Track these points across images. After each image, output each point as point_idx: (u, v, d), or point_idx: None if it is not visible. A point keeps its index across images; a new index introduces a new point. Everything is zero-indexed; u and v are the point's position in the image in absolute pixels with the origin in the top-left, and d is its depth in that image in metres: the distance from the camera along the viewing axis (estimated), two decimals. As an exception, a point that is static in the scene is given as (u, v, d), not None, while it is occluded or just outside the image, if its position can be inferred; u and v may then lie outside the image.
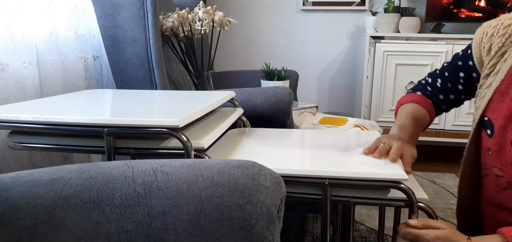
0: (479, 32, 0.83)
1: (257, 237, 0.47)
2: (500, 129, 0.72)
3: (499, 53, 0.77)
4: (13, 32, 1.02)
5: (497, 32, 0.78)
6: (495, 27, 0.79)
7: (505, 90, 0.74)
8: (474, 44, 0.84)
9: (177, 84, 1.50)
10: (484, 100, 0.78)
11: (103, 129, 0.70)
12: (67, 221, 0.49)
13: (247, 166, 0.51)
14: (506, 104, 0.72)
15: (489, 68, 0.79)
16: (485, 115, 0.77)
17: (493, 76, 0.77)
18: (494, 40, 0.79)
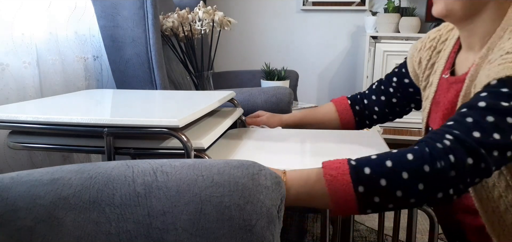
0: (412, 47, 0.91)
1: (257, 237, 0.47)
2: None
3: (429, 64, 0.84)
4: (13, 32, 1.02)
5: (424, 45, 0.86)
6: (422, 41, 0.88)
7: (438, 99, 0.79)
8: (408, 58, 0.92)
9: (177, 84, 1.50)
10: (425, 112, 0.84)
11: (103, 129, 0.70)
12: (67, 221, 0.49)
13: (247, 166, 0.51)
14: (439, 114, 0.77)
15: (425, 80, 0.85)
16: (429, 125, 0.83)
17: (428, 88, 0.83)
18: (422, 53, 0.86)
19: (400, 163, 0.56)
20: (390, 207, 0.57)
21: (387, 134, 2.24)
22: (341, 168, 0.58)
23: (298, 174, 0.61)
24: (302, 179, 0.60)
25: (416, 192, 0.55)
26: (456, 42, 0.79)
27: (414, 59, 0.89)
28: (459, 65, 0.76)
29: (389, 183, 0.55)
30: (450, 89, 0.75)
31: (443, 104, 0.76)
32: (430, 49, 0.84)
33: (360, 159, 0.59)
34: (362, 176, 0.57)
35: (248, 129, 1.04)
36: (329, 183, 0.58)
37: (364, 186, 0.56)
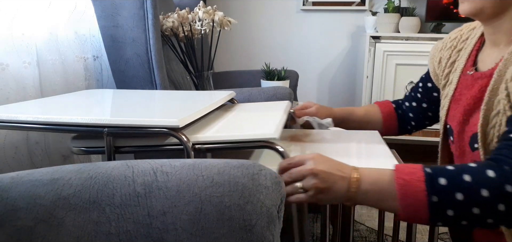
0: (432, 48, 0.92)
1: (257, 237, 0.47)
2: (458, 134, 0.75)
3: (449, 63, 0.84)
4: (13, 32, 1.02)
5: (445, 45, 0.86)
6: (443, 41, 0.88)
7: (458, 97, 0.79)
8: (429, 59, 0.93)
9: (177, 84, 1.50)
10: (443, 110, 0.84)
11: (103, 129, 0.70)
12: (67, 221, 0.49)
13: (247, 166, 0.51)
14: (459, 110, 0.76)
15: (444, 79, 0.85)
16: (447, 123, 0.82)
17: (448, 87, 0.83)
18: (443, 53, 0.86)
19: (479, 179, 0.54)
20: (463, 223, 0.55)
21: (387, 134, 2.24)
22: (415, 174, 0.57)
23: (368, 172, 0.60)
24: (372, 177, 0.60)
25: (496, 212, 0.53)
26: (479, 39, 0.79)
27: (435, 59, 0.89)
28: (483, 62, 0.76)
29: (466, 199, 0.53)
30: (474, 85, 0.74)
31: (464, 100, 0.75)
32: (450, 48, 0.84)
33: (435, 167, 0.58)
34: (437, 186, 0.55)
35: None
36: (400, 187, 0.57)
37: (438, 196, 0.54)
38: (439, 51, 0.88)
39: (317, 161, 0.61)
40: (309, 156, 0.62)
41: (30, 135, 1.07)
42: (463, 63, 0.80)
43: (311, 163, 0.61)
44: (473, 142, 0.70)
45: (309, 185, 0.61)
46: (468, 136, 0.72)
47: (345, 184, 0.60)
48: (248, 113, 0.92)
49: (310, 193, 0.61)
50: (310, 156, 0.62)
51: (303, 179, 0.61)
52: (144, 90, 1.19)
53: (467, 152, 0.73)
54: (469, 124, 0.73)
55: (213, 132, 0.73)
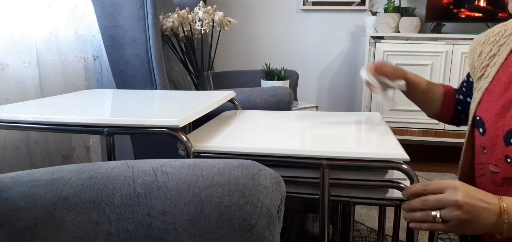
0: (474, 41, 0.88)
1: (257, 237, 0.47)
2: (491, 126, 0.73)
3: (488, 56, 0.81)
4: (13, 32, 1.02)
5: (488, 39, 0.83)
6: (487, 34, 0.84)
7: (493, 89, 0.76)
8: (469, 52, 0.89)
9: (177, 84, 1.50)
10: (475, 102, 0.81)
11: (103, 129, 0.70)
12: (67, 221, 0.49)
13: (247, 166, 0.51)
14: (495, 101, 0.74)
15: (480, 71, 0.82)
16: (476, 114, 0.79)
17: (483, 80, 0.81)
18: (485, 46, 0.83)
19: None
20: None
21: (387, 134, 2.24)
22: None
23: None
24: None
25: None
26: None
27: (475, 52, 0.86)
28: None
29: None
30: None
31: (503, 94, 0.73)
32: (492, 42, 0.82)
33: None
34: None
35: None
36: None
37: None
38: (481, 45, 0.85)
39: (460, 191, 0.58)
40: (449, 184, 0.59)
41: (30, 135, 1.07)
42: (503, 58, 0.77)
43: (453, 193, 0.58)
44: (509, 137, 0.69)
45: (450, 217, 0.58)
46: (503, 130, 0.71)
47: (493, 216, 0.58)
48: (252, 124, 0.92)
49: (451, 224, 0.59)
50: (451, 184, 0.59)
51: (443, 209, 0.59)
52: (144, 90, 1.19)
53: (499, 147, 0.71)
54: (505, 118, 0.71)
55: (218, 141, 0.73)
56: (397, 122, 2.18)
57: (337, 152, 0.67)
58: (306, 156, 0.68)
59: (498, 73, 0.77)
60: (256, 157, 0.68)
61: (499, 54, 0.79)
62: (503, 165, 0.70)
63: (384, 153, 0.66)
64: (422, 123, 2.15)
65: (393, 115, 2.17)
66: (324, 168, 0.67)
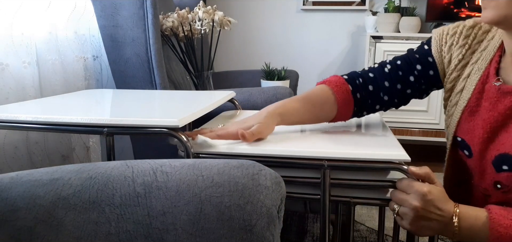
0: (437, 39, 0.77)
1: (257, 237, 0.47)
2: (479, 152, 0.71)
3: (459, 66, 0.74)
4: (12, 32, 1.02)
5: (457, 42, 0.74)
6: (452, 36, 0.75)
7: (474, 109, 0.71)
8: (434, 51, 0.77)
9: (177, 84, 1.50)
10: (453, 120, 0.76)
11: (103, 129, 0.70)
12: (66, 221, 0.49)
13: (247, 166, 0.51)
14: (478, 125, 0.70)
15: (450, 82, 0.76)
16: (457, 135, 0.76)
17: (458, 94, 0.74)
18: (453, 51, 0.75)
19: None
20: None
21: (387, 134, 2.24)
22: None
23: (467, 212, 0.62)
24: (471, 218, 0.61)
25: None
26: (500, 46, 0.70)
27: (444, 55, 0.76)
28: (507, 74, 0.68)
29: None
30: (502, 99, 0.67)
31: (487, 115, 0.69)
32: (463, 47, 0.73)
33: None
34: None
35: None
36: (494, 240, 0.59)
37: None
38: (449, 48, 0.75)
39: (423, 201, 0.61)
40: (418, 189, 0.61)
41: (29, 135, 1.07)
42: (481, 71, 0.71)
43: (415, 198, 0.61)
44: (499, 163, 0.67)
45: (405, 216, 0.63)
46: (491, 155, 0.68)
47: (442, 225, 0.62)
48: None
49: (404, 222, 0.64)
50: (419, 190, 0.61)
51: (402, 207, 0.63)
52: (144, 90, 1.19)
53: (489, 172, 0.69)
54: (494, 142, 0.68)
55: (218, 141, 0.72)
56: (397, 122, 2.18)
57: (338, 153, 0.67)
58: (308, 157, 0.67)
59: (477, 87, 0.71)
60: (256, 157, 0.68)
61: (473, 63, 0.72)
62: (493, 191, 0.69)
63: (386, 154, 0.66)
64: (422, 123, 2.14)
65: (393, 115, 2.17)
66: (325, 169, 0.67)
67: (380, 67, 0.83)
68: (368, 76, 0.82)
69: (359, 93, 0.81)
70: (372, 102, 0.82)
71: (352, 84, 0.81)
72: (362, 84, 0.81)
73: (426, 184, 0.62)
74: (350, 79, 0.82)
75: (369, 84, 0.81)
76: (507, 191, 0.67)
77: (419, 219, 0.62)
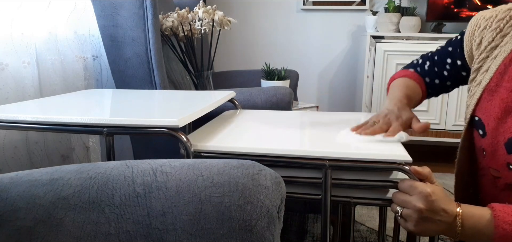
0: (472, 23, 0.80)
1: (257, 238, 0.47)
2: (492, 130, 0.70)
3: (489, 47, 0.74)
4: (12, 31, 1.02)
5: (490, 25, 0.75)
6: (488, 19, 0.76)
7: (494, 88, 0.72)
8: (466, 35, 0.81)
9: (177, 84, 1.50)
10: (473, 98, 0.76)
11: (103, 129, 0.70)
12: (66, 221, 0.49)
13: (247, 166, 0.51)
14: (496, 104, 0.70)
15: (478, 63, 0.76)
16: (475, 114, 0.76)
17: (483, 74, 0.75)
18: (485, 33, 0.76)
19: None
20: None
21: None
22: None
23: (470, 211, 0.62)
24: (475, 218, 0.61)
25: None
26: None
27: (474, 38, 0.78)
28: None
29: None
30: None
31: (505, 94, 0.69)
32: (495, 30, 0.74)
33: None
34: None
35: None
36: (500, 238, 0.59)
37: None
38: (480, 31, 0.76)
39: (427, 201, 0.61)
40: (421, 189, 0.61)
41: (29, 135, 1.07)
42: (507, 52, 0.71)
43: (419, 199, 0.61)
44: (511, 145, 0.67)
45: (409, 218, 0.63)
46: (504, 137, 0.68)
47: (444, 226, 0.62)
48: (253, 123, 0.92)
49: (408, 224, 0.64)
50: (423, 190, 0.61)
51: (405, 208, 0.63)
52: (143, 90, 1.19)
53: (500, 153, 0.69)
54: (507, 123, 0.68)
55: (218, 141, 0.72)
56: (398, 122, 2.17)
57: (340, 153, 0.67)
58: (309, 157, 0.67)
59: (499, 68, 0.71)
60: (256, 157, 0.67)
61: (502, 46, 0.72)
62: (505, 171, 0.69)
63: (387, 154, 0.66)
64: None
65: (393, 115, 2.17)
66: (327, 169, 0.66)
67: (422, 63, 0.92)
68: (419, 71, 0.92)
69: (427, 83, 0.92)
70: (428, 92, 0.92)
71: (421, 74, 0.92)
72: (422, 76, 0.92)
73: (428, 184, 0.62)
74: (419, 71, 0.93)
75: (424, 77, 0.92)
76: None
77: (424, 221, 0.62)
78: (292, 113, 1.06)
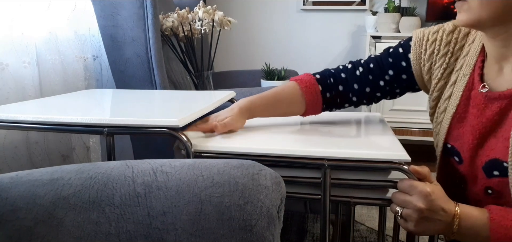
0: (415, 43, 0.77)
1: (257, 237, 0.47)
2: (469, 159, 0.71)
3: (445, 74, 0.74)
4: (12, 31, 1.02)
5: (438, 50, 0.74)
6: (433, 42, 0.75)
7: (463, 115, 0.72)
8: (412, 56, 0.77)
9: (177, 84, 1.50)
10: (443, 126, 0.75)
11: (103, 129, 0.70)
12: (66, 221, 0.49)
13: (247, 166, 0.51)
14: (468, 131, 0.70)
15: (437, 91, 0.76)
16: (447, 142, 0.75)
17: (446, 100, 0.74)
18: (435, 58, 0.75)
19: None
20: None
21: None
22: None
23: (468, 212, 0.62)
24: (472, 219, 0.62)
25: None
26: (481, 51, 0.70)
27: (422, 62, 0.76)
28: (493, 79, 0.67)
29: None
30: (489, 105, 0.66)
31: (475, 121, 0.68)
32: (446, 55, 0.73)
33: None
34: None
35: None
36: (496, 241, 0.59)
37: None
38: (428, 55, 0.75)
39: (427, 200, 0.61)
40: (421, 189, 0.61)
41: (29, 135, 1.07)
42: (466, 77, 0.71)
43: (419, 199, 0.61)
44: (489, 168, 0.67)
45: (410, 218, 0.63)
46: (482, 161, 0.68)
47: (443, 225, 0.62)
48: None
49: (408, 224, 0.64)
50: (422, 190, 0.61)
51: (406, 208, 0.63)
52: (144, 90, 1.19)
53: (480, 177, 0.69)
54: (483, 148, 0.68)
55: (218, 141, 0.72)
56: (397, 122, 2.18)
57: (339, 153, 0.67)
58: (308, 157, 0.67)
59: (464, 94, 0.71)
60: (256, 157, 0.68)
61: (459, 70, 0.72)
62: (484, 197, 0.69)
63: (386, 154, 0.66)
64: (422, 123, 2.14)
65: (393, 115, 2.17)
66: (326, 169, 0.66)
67: (352, 68, 0.86)
68: (340, 77, 0.86)
69: (329, 92, 0.85)
70: (341, 101, 0.87)
71: (323, 84, 0.85)
72: (333, 84, 0.85)
73: (428, 184, 0.62)
74: (321, 78, 0.85)
75: (340, 84, 0.85)
76: (498, 197, 0.67)
77: (424, 221, 0.62)
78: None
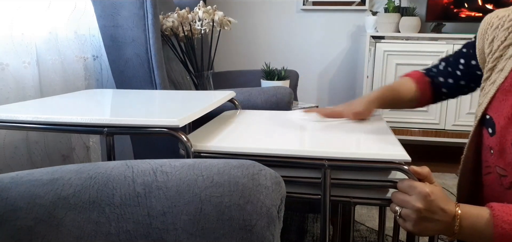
0: (485, 21, 0.80)
1: (257, 237, 0.47)
2: (502, 129, 0.71)
3: (502, 46, 0.75)
4: (12, 32, 1.02)
5: (502, 24, 0.75)
6: (501, 18, 0.76)
7: (508, 88, 0.72)
8: (478, 33, 0.81)
9: (177, 84, 1.50)
10: (487, 97, 0.76)
11: (103, 129, 0.70)
12: (66, 221, 0.49)
13: (247, 166, 0.51)
14: (509, 104, 0.70)
15: (492, 62, 0.77)
16: (486, 113, 0.76)
17: (497, 73, 0.75)
18: (498, 33, 0.76)
19: None
20: None
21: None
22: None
23: (469, 211, 0.62)
24: (473, 217, 0.62)
25: None
26: None
27: (487, 37, 0.78)
28: None
29: None
30: None
31: None
32: (507, 30, 0.74)
33: None
34: None
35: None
36: (499, 237, 0.59)
37: None
38: (493, 29, 0.77)
39: (426, 201, 0.61)
40: (420, 189, 0.62)
41: (29, 135, 1.07)
42: None
43: (418, 200, 0.61)
44: None
45: (408, 218, 0.63)
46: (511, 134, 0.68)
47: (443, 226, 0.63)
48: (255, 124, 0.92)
49: (407, 224, 0.64)
50: (421, 191, 0.61)
51: (405, 208, 0.64)
52: (144, 90, 1.19)
53: (508, 152, 0.69)
54: None
55: (218, 141, 0.72)
56: (397, 122, 2.18)
57: (339, 153, 0.67)
58: (308, 157, 0.67)
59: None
60: (256, 157, 0.68)
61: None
62: (511, 170, 0.69)
63: (386, 154, 0.66)
64: (422, 123, 2.14)
65: (393, 115, 2.17)
66: (326, 168, 0.66)
67: (438, 64, 0.95)
68: (432, 71, 0.95)
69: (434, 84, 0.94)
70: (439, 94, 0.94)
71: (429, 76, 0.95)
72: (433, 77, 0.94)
73: (427, 184, 0.62)
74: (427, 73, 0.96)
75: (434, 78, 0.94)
76: None
77: (423, 221, 0.62)
78: (291, 113, 1.06)
